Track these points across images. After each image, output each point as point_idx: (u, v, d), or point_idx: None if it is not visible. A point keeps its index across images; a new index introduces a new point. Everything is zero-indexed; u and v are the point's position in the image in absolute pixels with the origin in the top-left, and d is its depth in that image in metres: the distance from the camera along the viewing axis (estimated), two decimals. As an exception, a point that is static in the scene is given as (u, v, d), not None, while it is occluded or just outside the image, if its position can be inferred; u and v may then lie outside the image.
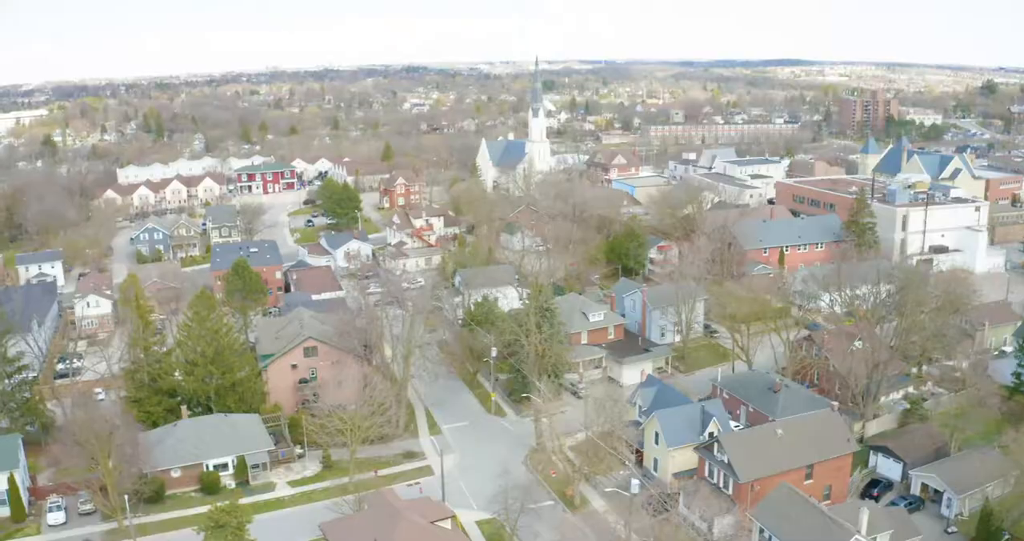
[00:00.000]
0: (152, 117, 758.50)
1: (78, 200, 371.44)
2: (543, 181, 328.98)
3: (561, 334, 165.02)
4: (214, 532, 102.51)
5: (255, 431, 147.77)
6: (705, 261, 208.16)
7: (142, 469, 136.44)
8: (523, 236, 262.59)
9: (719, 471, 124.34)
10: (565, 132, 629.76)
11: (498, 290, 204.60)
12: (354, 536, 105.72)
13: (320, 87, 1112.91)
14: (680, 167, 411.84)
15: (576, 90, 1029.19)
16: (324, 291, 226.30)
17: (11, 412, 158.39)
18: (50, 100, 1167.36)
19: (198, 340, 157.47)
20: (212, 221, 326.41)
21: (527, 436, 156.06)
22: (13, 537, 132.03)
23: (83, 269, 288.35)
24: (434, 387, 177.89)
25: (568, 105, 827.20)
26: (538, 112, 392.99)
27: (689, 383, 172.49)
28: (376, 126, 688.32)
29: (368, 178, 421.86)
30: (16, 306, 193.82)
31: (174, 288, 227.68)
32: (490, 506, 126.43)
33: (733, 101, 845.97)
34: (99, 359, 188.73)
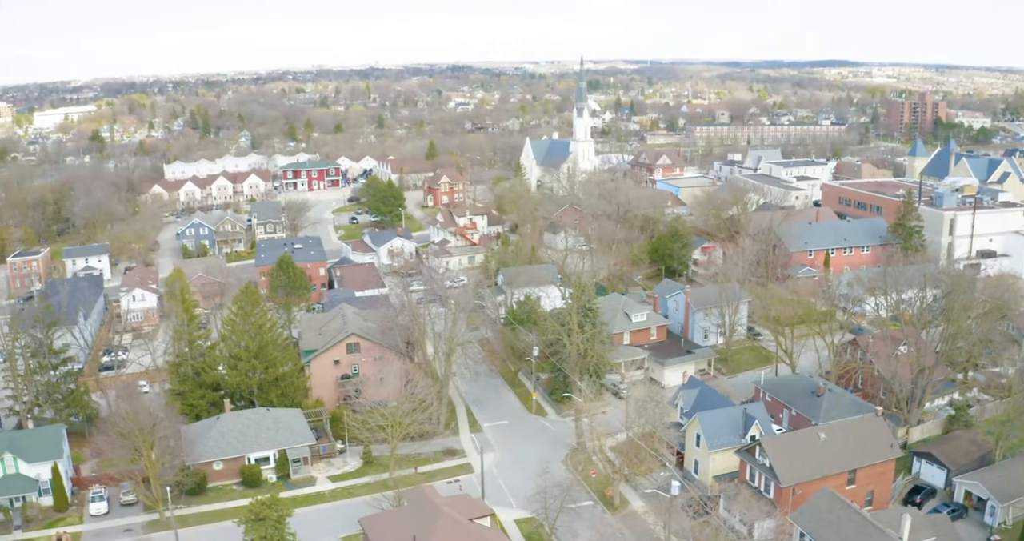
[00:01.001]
0: (199, 114, 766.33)
1: (125, 195, 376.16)
2: (587, 181, 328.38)
3: (603, 334, 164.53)
4: (254, 525, 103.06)
5: (297, 426, 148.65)
6: (749, 263, 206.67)
7: (184, 461, 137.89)
8: (566, 235, 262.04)
9: (760, 474, 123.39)
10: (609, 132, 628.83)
11: (540, 289, 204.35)
12: (393, 532, 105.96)
13: (365, 85, 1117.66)
14: (725, 168, 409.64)
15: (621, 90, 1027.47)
16: (367, 288, 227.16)
17: (56, 403, 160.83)
18: (98, 96, 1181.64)
19: (242, 335, 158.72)
20: (257, 217, 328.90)
21: (567, 436, 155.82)
22: (56, 526, 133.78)
23: (129, 263, 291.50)
24: (475, 385, 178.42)
25: (613, 105, 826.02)
26: (583, 111, 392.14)
27: (731, 385, 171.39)
28: (421, 125, 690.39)
29: (412, 176, 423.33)
30: (63, 299, 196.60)
31: (219, 283, 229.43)
32: (529, 505, 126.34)
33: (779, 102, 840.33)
34: (144, 352, 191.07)
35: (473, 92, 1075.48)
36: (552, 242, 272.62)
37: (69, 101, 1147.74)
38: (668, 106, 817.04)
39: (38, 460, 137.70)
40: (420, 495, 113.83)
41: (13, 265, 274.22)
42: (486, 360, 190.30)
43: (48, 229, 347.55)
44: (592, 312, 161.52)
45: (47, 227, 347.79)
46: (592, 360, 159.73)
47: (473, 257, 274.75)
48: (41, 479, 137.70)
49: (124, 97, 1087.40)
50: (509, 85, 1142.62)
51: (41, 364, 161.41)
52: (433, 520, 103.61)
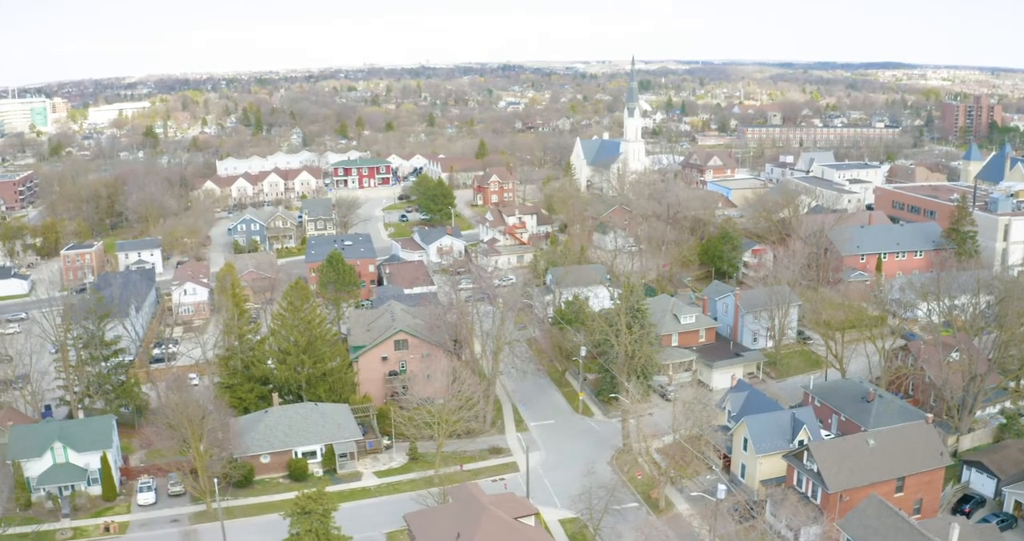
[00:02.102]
0: (251, 111, 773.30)
1: (178, 190, 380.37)
2: (637, 181, 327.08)
3: (651, 335, 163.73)
4: (300, 518, 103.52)
5: (344, 421, 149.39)
6: (800, 266, 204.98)
7: (232, 454, 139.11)
8: (616, 236, 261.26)
9: (807, 480, 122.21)
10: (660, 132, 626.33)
11: (589, 289, 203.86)
12: (437, 528, 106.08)
13: (417, 84, 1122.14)
14: (777, 170, 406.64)
15: (672, 90, 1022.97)
16: (416, 285, 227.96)
17: (107, 394, 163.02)
18: (152, 93, 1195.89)
19: (291, 329, 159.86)
20: (308, 214, 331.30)
21: (614, 437, 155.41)
22: (103, 515, 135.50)
23: (181, 257, 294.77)
24: (522, 384, 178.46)
25: (664, 105, 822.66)
26: (633, 112, 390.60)
27: (780, 389, 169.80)
28: (471, 123, 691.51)
29: (462, 175, 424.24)
30: (115, 291, 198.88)
31: (269, 278, 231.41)
32: (574, 505, 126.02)
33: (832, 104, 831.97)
34: (194, 345, 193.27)
35: (524, 91, 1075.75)
36: (601, 242, 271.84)
37: (123, 97, 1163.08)
38: (719, 107, 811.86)
39: (88, 450, 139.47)
40: (465, 492, 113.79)
41: (67, 258, 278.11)
42: (533, 359, 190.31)
43: (101, 223, 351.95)
44: (641, 313, 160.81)
45: (100, 221, 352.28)
46: (640, 361, 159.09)
47: (522, 256, 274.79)
48: (90, 468, 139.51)
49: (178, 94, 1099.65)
50: (560, 85, 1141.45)
51: (93, 355, 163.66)
52: (477, 517, 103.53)
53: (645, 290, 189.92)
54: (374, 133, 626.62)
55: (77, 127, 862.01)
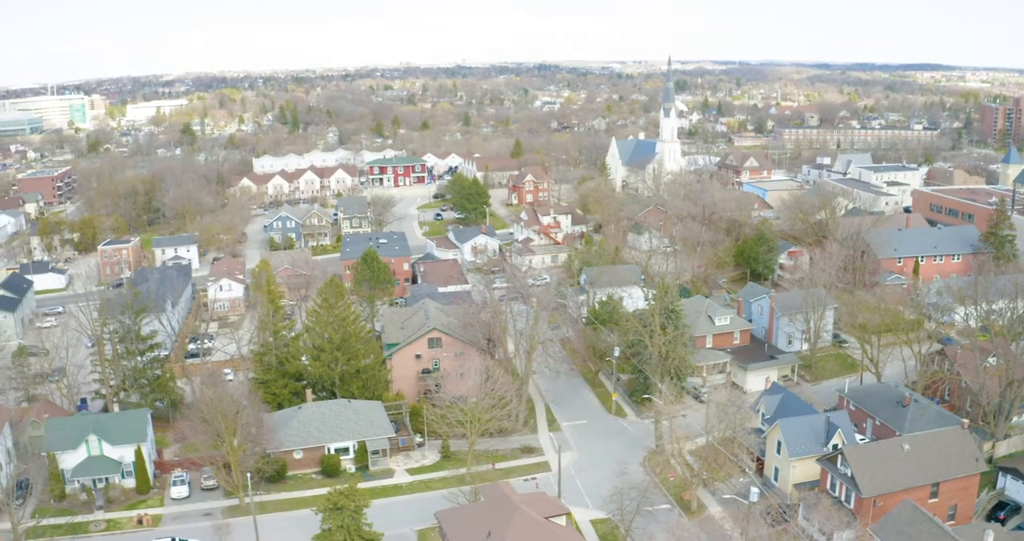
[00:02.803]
0: (288, 109, 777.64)
1: (214, 187, 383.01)
2: (673, 182, 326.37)
3: (686, 336, 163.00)
4: (332, 514, 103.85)
5: (377, 418, 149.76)
6: (836, 268, 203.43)
7: (265, 449, 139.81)
8: (651, 236, 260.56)
9: (841, 484, 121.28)
10: (696, 133, 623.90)
11: (623, 290, 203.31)
12: (468, 526, 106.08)
13: (452, 83, 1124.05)
14: (814, 171, 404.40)
15: (709, 91, 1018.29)
16: (450, 284, 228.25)
17: (142, 388, 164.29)
18: (190, 90, 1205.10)
19: (326, 326, 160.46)
20: (343, 212, 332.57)
21: (646, 438, 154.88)
22: (137, 507, 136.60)
23: (217, 253, 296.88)
24: (555, 384, 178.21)
25: (700, 106, 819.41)
26: (670, 112, 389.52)
27: (815, 393, 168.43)
28: (507, 123, 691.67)
29: (497, 174, 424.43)
30: (151, 287, 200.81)
31: (304, 275, 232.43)
32: (605, 506, 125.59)
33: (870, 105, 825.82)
34: (229, 341, 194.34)
35: (559, 91, 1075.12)
36: (636, 242, 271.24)
37: (161, 94, 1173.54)
38: (756, 108, 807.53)
39: (122, 443, 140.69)
40: (497, 491, 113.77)
41: (104, 253, 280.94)
42: (567, 359, 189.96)
43: (139, 219, 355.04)
44: (675, 314, 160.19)
45: (138, 217, 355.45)
46: (673, 362, 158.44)
47: (556, 256, 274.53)
48: (124, 461, 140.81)
49: (215, 91, 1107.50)
50: (596, 84, 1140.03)
51: (128, 349, 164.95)
52: (509, 516, 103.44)
53: (679, 291, 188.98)
54: (410, 132, 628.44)
55: (115, 124, 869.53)
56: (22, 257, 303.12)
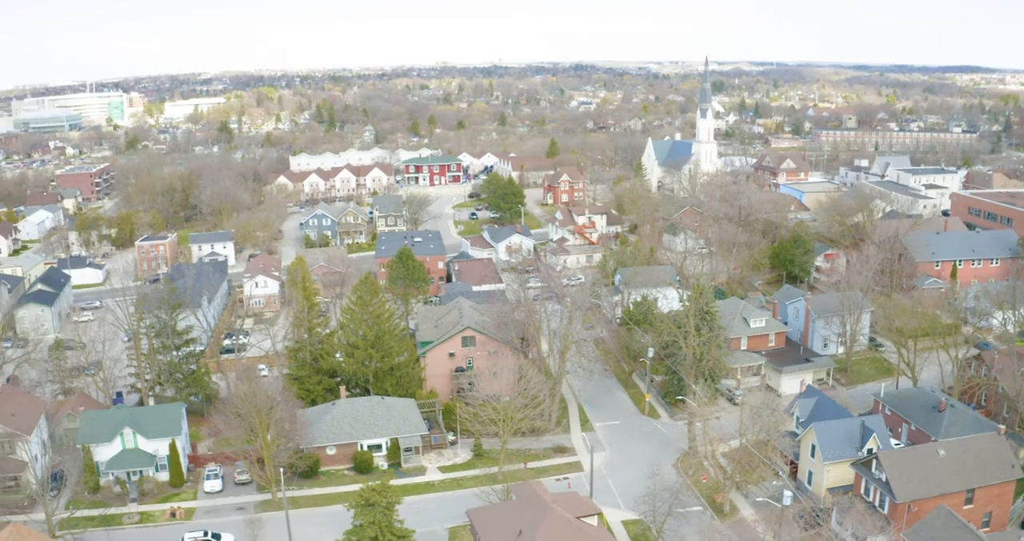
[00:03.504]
0: (325, 108, 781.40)
1: (251, 185, 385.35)
2: (709, 183, 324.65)
3: (720, 338, 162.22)
4: (364, 510, 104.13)
5: (410, 415, 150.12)
6: (873, 271, 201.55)
7: (299, 444, 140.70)
8: (686, 237, 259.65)
9: (875, 489, 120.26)
10: (733, 134, 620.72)
11: (658, 290, 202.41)
12: (500, 525, 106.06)
13: (488, 83, 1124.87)
14: (851, 173, 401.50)
15: (746, 92, 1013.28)
16: (485, 283, 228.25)
17: (177, 382, 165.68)
18: (227, 89, 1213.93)
19: (360, 323, 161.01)
20: (379, 210, 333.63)
21: (679, 439, 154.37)
22: (170, 501, 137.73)
23: (253, 250, 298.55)
24: (589, 384, 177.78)
25: (737, 107, 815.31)
26: (706, 113, 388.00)
27: (850, 397, 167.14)
28: (542, 123, 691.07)
29: (532, 174, 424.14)
30: (188, 282, 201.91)
31: (339, 273, 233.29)
32: (637, 507, 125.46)
33: (909, 108, 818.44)
34: (264, 337, 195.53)
35: (596, 91, 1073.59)
36: (671, 243, 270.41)
37: (199, 92, 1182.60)
38: (794, 109, 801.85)
39: (157, 436, 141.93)
40: (528, 490, 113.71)
41: (141, 248, 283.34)
42: (600, 359, 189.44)
43: (176, 215, 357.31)
44: (710, 315, 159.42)
45: (175, 213, 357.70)
46: (708, 364, 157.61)
47: (591, 256, 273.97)
48: (159, 455, 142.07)
49: (252, 90, 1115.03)
50: (632, 85, 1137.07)
51: (164, 344, 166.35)
52: (540, 515, 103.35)
53: (715, 292, 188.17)
54: (445, 131, 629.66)
55: (153, 121, 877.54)
56: (60, 252, 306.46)
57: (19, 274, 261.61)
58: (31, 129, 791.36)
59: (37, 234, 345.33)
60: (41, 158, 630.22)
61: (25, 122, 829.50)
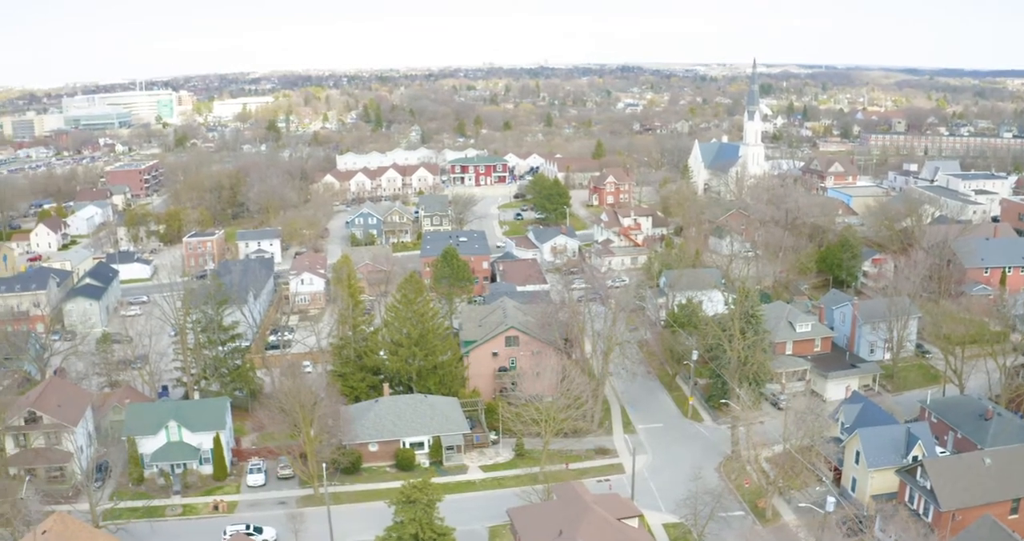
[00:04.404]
0: (372, 108, 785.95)
1: (298, 183, 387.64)
2: (756, 185, 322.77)
3: (765, 342, 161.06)
4: (405, 507, 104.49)
5: (453, 414, 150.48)
6: (921, 277, 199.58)
7: (342, 441, 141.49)
8: (732, 240, 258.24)
9: (920, 497, 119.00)
10: (781, 137, 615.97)
11: (703, 293, 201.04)
12: (540, 524, 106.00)
13: (535, 84, 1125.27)
14: (900, 178, 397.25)
15: (794, 94, 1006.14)
16: (529, 283, 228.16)
17: (222, 377, 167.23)
18: (275, 88, 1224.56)
19: (404, 322, 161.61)
20: (424, 209, 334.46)
21: (722, 443, 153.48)
22: (213, 494, 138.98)
23: (299, 248, 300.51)
24: (632, 386, 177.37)
25: (785, 110, 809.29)
26: (754, 115, 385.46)
27: (896, 403, 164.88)
28: (589, 124, 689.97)
29: (578, 175, 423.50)
30: (234, 279, 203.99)
31: (384, 271, 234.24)
32: (678, 510, 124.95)
33: (959, 112, 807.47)
34: (309, 333, 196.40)
35: (642, 93, 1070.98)
36: (717, 246, 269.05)
37: (247, 91, 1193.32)
38: (842, 112, 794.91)
39: (201, 430, 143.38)
40: (569, 490, 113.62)
41: (189, 244, 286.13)
42: (644, 361, 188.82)
43: (223, 212, 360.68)
44: (755, 319, 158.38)
45: (222, 210, 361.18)
46: (752, 368, 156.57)
47: (636, 258, 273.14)
48: (203, 448, 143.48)
49: (300, 89, 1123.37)
50: (679, 87, 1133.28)
51: (210, 339, 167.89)
52: (581, 516, 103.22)
53: (760, 296, 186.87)
54: (492, 132, 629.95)
55: (202, 120, 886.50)
56: (109, 247, 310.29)
57: (68, 268, 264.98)
58: (81, 126, 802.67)
59: (86, 229, 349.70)
60: (91, 155, 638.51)
61: (76, 119, 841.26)
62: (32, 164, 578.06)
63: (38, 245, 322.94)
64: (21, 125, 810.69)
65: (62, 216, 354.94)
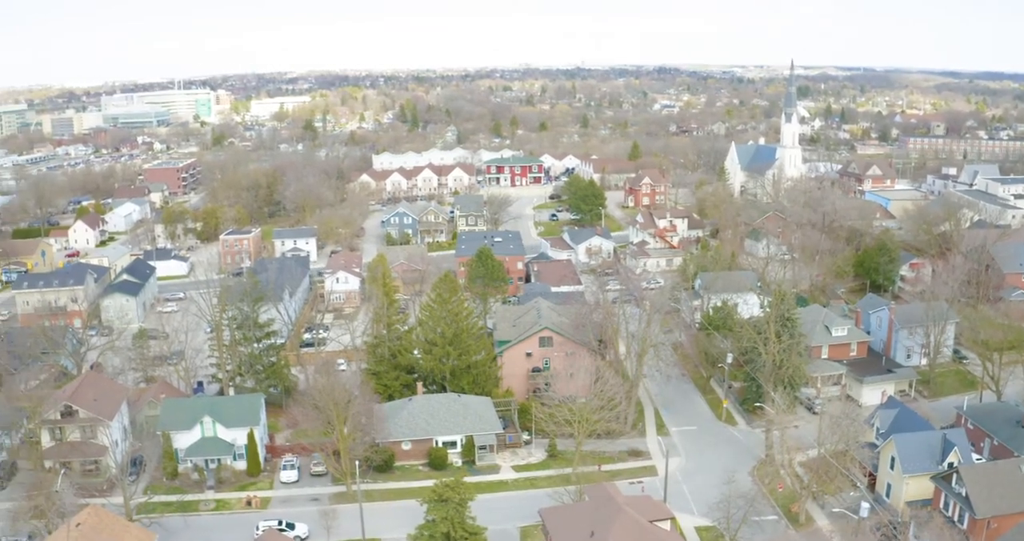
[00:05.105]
0: (408, 108, 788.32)
1: (334, 182, 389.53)
2: (792, 188, 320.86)
3: (801, 346, 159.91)
4: (436, 505, 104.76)
5: (486, 413, 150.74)
6: (959, 282, 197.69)
7: (375, 438, 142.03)
8: (768, 243, 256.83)
9: (955, 504, 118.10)
10: (818, 140, 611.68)
11: (738, 296, 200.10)
12: (572, 525, 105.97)
13: (571, 85, 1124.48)
14: (938, 182, 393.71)
15: (832, 97, 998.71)
16: (563, 284, 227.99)
17: (257, 374, 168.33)
18: (313, 88, 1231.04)
19: (439, 321, 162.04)
20: (460, 209, 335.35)
21: (756, 447, 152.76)
22: (246, 489, 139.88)
23: (335, 247, 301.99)
24: (666, 388, 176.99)
25: (823, 112, 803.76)
26: (791, 117, 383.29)
27: (932, 409, 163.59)
28: (625, 125, 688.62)
29: (614, 176, 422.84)
30: (270, 276, 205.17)
31: (419, 270, 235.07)
32: (711, 513, 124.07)
33: (999, 115, 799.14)
34: (344, 332, 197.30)
35: (679, 94, 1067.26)
36: (753, 249, 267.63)
37: (285, 91, 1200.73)
38: (880, 115, 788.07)
39: (236, 426, 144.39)
40: (602, 492, 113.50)
41: (225, 242, 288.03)
42: (678, 364, 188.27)
43: (260, 210, 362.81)
44: (791, 322, 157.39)
45: (259, 208, 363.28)
46: (787, 371, 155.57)
47: (671, 260, 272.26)
48: (237, 444, 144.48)
49: (337, 89, 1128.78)
50: (716, 88, 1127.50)
51: (246, 336, 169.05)
52: (613, 518, 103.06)
53: (796, 299, 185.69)
54: (527, 132, 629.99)
55: (239, 119, 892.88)
56: (146, 244, 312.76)
57: (106, 264, 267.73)
58: (120, 124, 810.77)
59: (124, 226, 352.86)
60: (129, 152, 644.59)
61: (114, 117, 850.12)
62: (71, 161, 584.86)
63: (76, 241, 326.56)
64: (60, 123, 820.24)
65: (100, 213, 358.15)
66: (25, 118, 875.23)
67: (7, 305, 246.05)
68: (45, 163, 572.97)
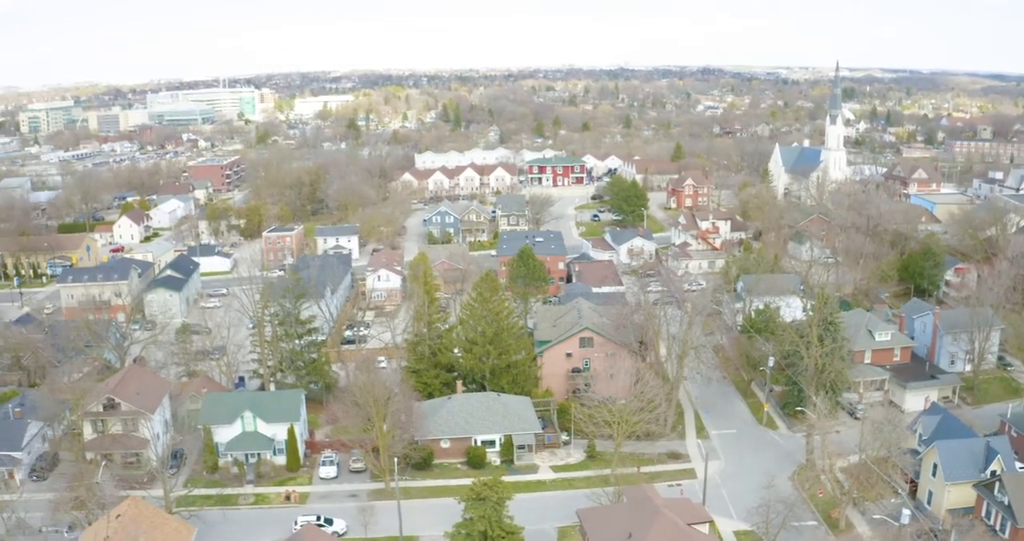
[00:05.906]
0: (451, 108, 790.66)
1: (377, 181, 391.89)
2: (837, 191, 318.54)
3: (844, 350, 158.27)
4: (474, 504, 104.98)
5: (525, 413, 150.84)
6: (1005, 288, 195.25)
7: (414, 436, 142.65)
8: (812, 246, 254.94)
9: (997, 512, 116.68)
10: (863, 142, 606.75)
11: (781, 299, 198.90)
12: (610, 526, 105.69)
13: (614, 86, 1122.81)
14: (985, 186, 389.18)
15: (877, 99, 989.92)
16: (605, 285, 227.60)
17: (298, 370, 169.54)
18: (356, 87, 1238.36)
19: (479, 320, 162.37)
20: (501, 209, 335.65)
21: (797, 452, 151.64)
22: (286, 484, 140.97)
23: (377, 245, 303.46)
24: (706, 391, 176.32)
25: (868, 114, 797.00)
26: (836, 119, 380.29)
27: (975, 416, 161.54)
28: (668, 126, 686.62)
29: (656, 177, 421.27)
30: (312, 273, 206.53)
31: (460, 269, 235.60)
32: (750, 517, 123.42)
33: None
34: (384, 329, 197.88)
35: (723, 96, 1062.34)
36: (796, 252, 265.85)
37: (328, 90, 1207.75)
38: (926, 118, 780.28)
39: (276, 421, 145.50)
40: (640, 493, 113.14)
41: (268, 239, 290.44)
42: (719, 366, 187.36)
43: (303, 208, 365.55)
44: (834, 326, 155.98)
45: (302, 206, 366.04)
46: (830, 376, 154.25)
47: (713, 262, 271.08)
48: (277, 439, 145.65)
49: (380, 88, 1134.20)
50: (760, 90, 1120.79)
51: (287, 332, 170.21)
52: (650, 520, 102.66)
53: (840, 303, 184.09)
54: (570, 133, 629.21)
55: (283, 117, 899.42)
56: (190, 240, 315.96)
57: (150, 260, 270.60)
58: (165, 122, 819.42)
59: (168, 222, 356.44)
60: (174, 150, 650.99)
61: (160, 115, 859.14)
62: (116, 158, 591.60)
63: (121, 237, 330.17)
64: (106, 120, 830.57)
65: (145, 209, 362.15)
66: (72, 115, 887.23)
67: (52, 299, 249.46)
68: (91, 159, 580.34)
